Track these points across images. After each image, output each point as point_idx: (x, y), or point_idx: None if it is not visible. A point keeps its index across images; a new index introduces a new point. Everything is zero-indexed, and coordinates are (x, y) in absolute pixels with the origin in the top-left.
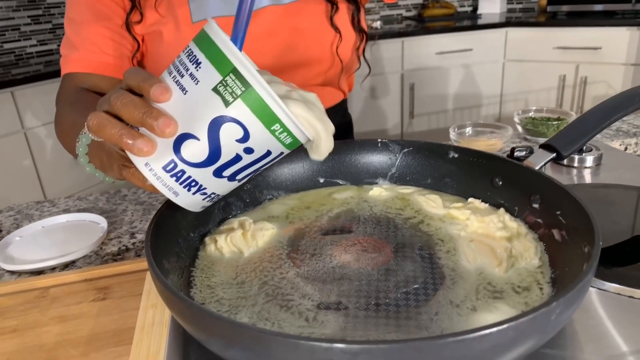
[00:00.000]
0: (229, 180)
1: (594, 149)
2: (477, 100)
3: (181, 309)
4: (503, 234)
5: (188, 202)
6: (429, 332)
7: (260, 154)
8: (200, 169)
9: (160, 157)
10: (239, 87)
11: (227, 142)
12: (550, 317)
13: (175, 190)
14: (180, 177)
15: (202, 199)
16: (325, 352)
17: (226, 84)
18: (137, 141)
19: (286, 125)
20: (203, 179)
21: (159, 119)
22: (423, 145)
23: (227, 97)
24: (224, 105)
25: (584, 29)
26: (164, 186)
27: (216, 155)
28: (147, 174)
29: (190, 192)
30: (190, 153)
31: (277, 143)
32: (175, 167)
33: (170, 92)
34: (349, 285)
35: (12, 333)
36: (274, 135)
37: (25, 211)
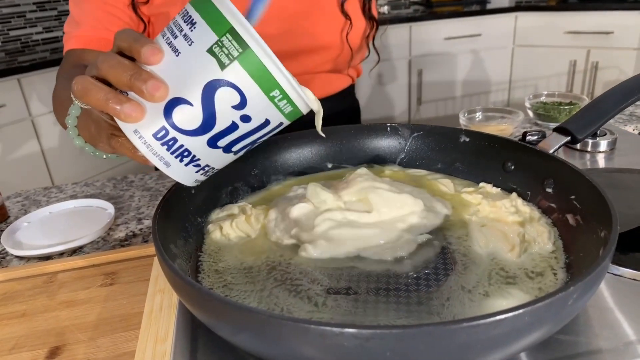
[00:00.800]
0: (224, 151)
1: (608, 133)
2: (485, 87)
3: (189, 293)
4: (515, 218)
5: (180, 174)
6: (441, 317)
7: (258, 123)
8: (194, 137)
9: (151, 123)
10: (235, 49)
11: (223, 108)
12: (567, 303)
13: (166, 160)
14: (172, 146)
15: (195, 171)
16: (336, 337)
17: (222, 45)
18: (125, 106)
19: (286, 91)
20: (196, 149)
21: (148, 81)
22: (433, 130)
23: (222, 59)
24: (219, 68)
25: (596, 13)
26: (154, 155)
27: (210, 123)
28: (136, 142)
29: (182, 163)
30: (182, 119)
31: (277, 111)
32: (166, 135)
33: (163, 53)
34: (359, 270)
35: (21, 317)
36: (272, 102)
37: (33, 197)
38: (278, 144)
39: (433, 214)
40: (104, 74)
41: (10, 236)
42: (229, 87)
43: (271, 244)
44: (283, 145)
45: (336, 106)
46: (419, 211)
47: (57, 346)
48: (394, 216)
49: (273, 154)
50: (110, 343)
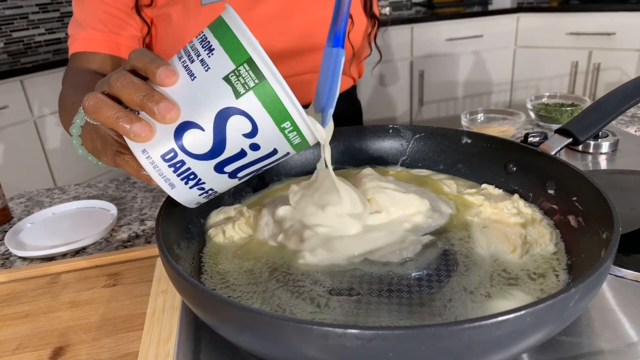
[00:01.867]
0: (230, 177)
1: (610, 134)
2: (487, 88)
3: (192, 294)
4: (517, 220)
5: (183, 196)
6: (443, 318)
7: (266, 152)
8: (202, 161)
9: (160, 144)
10: (252, 79)
11: (234, 135)
12: (569, 304)
13: (172, 182)
14: (179, 169)
15: (198, 194)
16: (338, 338)
17: (239, 74)
18: (135, 125)
19: (297, 124)
20: (203, 173)
21: (160, 102)
22: (435, 131)
23: (238, 88)
24: (234, 96)
25: (598, 15)
26: (160, 176)
27: (220, 149)
28: (143, 162)
29: (187, 186)
30: (192, 143)
31: (285, 142)
32: (174, 157)
33: (178, 75)
34: (361, 271)
35: (25, 318)
36: (283, 133)
37: (36, 198)
38: None
39: (438, 214)
40: (116, 92)
41: (13, 237)
42: (242, 116)
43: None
44: None
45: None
46: (424, 211)
47: (61, 346)
48: (400, 216)
49: None
50: (114, 344)
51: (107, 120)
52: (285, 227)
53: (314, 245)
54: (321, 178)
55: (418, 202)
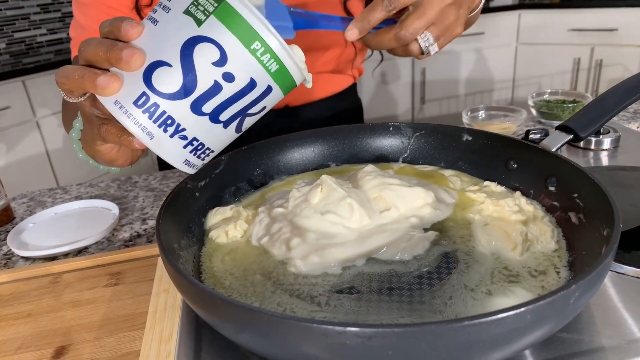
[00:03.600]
0: (212, 120)
1: (611, 131)
2: (488, 85)
3: (193, 293)
4: (518, 217)
5: (166, 148)
6: (443, 316)
7: (242, 84)
8: (175, 101)
9: (131, 91)
10: (211, 4)
11: (203, 65)
12: (569, 301)
13: (149, 131)
14: (154, 113)
15: (182, 145)
16: (338, 336)
17: (198, 3)
18: (100, 78)
19: (268, 42)
20: (180, 115)
21: (123, 50)
22: (436, 128)
23: (199, 16)
24: (196, 25)
25: (600, 10)
26: (136, 126)
27: (192, 83)
28: (116, 114)
29: (167, 134)
30: (162, 82)
31: (262, 70)
32: (147, 101)
33: (142, 27)
34: (362, 270)
35: (27, 318)
36: (255, 56)
37: (38, 198)
38: (280, 143)
39: (444, 205)
40: (85, 56)
41: (15, 237)
42: (207, 43)
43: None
44: (286, 145)
45: (338, 105)
46: (431, 202)
47: (63, 346)
48: (408, 210)
49: (276, 154)
50: (115, 342)
51: (74, 83)
52: (273, 231)
53: (305, 252)
54: (327, 188)
55: (424, 194)
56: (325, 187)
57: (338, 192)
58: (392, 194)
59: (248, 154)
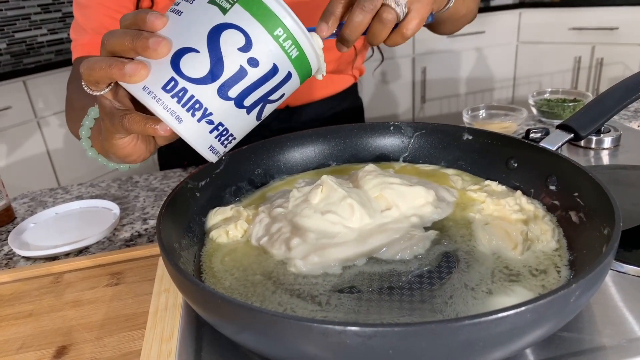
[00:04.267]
0: (237, 105)
1: (612, 129)
2: (489, 84)
3: (193, 293)
4: (519, 216)
5: (194, 132)
6: (444, 315)
7: (266, 69)
8: (203, 85)
9: (159, 77)
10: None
11: (229, 51)
12: (570, 300)
13: (178, 115)
14: (182, 97)
15: (209, 130)
16: (338, 335)
17: None
18: (128, 66)
19: (290, 28)
20: (207, 100)
21: (150, 38)
22: (436, 128)
23: (223, 5)
24: (221, 13)
25: (600, 9)
26: (165, 110)
27: (219, 68)
28: (145, 99)
29: (194, 118)
30: (190, 67)
31: (283, 55)
32: (175, 86)
33: (166, 18)
34: (362, 269)
35: (28, 317)
36: (278, 42)
37: (39, 198)
38: (281, 143)
39: (445, 204)
40: (110, 47)
41: (17, 237)
42: (233, 29)
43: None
44: (286, 144)
45: (339, 105)
46: (432, 201)
47: (64, 345)
48: (409, 208)
49: (276, 153)
50: (116, 342)
51: (101, 72)
52: (273, 231)
53: (305, 252)
54: (327, 188)
55: (425, 193)
56: (326, 187)
57: (338, 192)
58: (393, 193)
59: (249, 154)
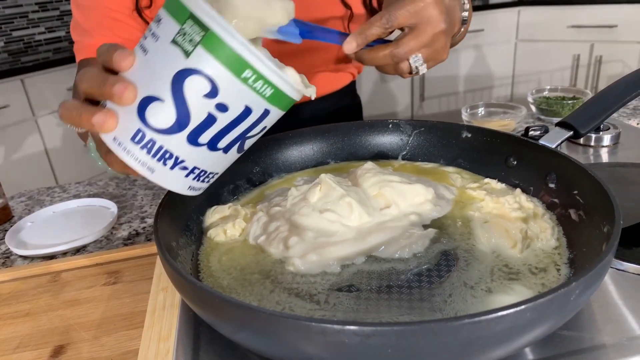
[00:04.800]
0: (210, 149)
1: (611, 127)
2: (488, 82)
3: (191, 292)
4: (518, 214)
5: (168, 179)
6: (443, 314)
7: (237, 112)
8: (171, 135)
9: (127, 128)
10: (197, 33)
11: (194, 99)
12: (570, 298)
13: (149, 166)
14: (152, 148)
15: (184, 175)
16: (337, 334)
17: (184, 33)
18: (96, 116)
19: (258, 69)
20: (177, 149)
21: (115, 84)
22: (435, 125)
23: (186, 47)
24: (184, 57)
25: (599, 7)
26: (136, 161)
27: (185, 117)
28: (117, 150)
29: (167, 167)
30: (156, 117)
31: (255, 96)
32: (143, 137)
33: (133, 56)
34: (361, 267)
35: (25, 317)
36: (246, 84)
37: (37, 197)
38: (279, 141)
39: (444, 201)
40: (84, 91)
41: (14, 236)
42: (197, 75)
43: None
44: (284, 142)
45: (337, 103)
46: (431, 198)
47: (61, 345)
48: (408, 206)
49: (274, 152)
50: (114, 341)
51: (73, 120)
52: (270, 230)
53: (303, 251)
54: (326, 187)
55: (424, 191)
56: (324, 186)
57: (337, 191)
58: (392, 191)
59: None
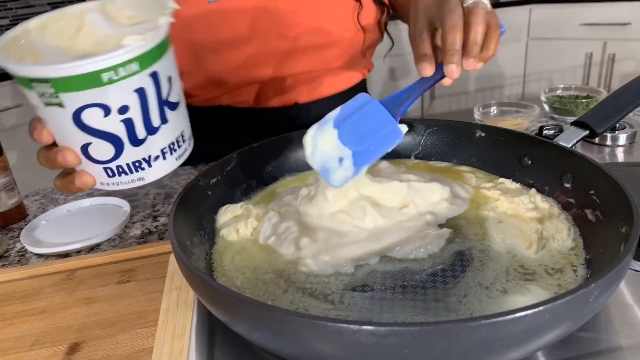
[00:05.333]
0: (154, 132)
1: (627, 126)
2: (499, 81)
3: (207, 291)
4: (534, 214)
5: (158, 171)
6: (458, 314)
7: (135, 99)
8: (122, 153)
9: (97, 172)
10: (47, 88)
11: (103, 124)
12: (588, 300)
13: (138, 177)
14: (126, 169)
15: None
16: (353, 334)
17: (42, 94)
18: (74, 185)
19: (107, 67)
20: (137, 155)
21: (56, 160)
22: (449, 125)
23: (55, 101)
24: (61, 108)
25: (612, 4)
26: (127, 184)
27: (114, 137)
28: (110, 189)
29: (148, 168)
30: (101, 154)
31: (132, 79)
32: (112, 169)
33: (47, 131)
34: (375, 267)
35: (41, 314)
36: (115, 82)
37: (51, 195)
38: (290, 140)
39: (460, 200)
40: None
41: (29, 234)
42: (83, 112)
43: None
44: (295, 141)
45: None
46: (447, 197)
47: (77, 342)
48: (425, 205)
49: (286, 151)
50: (129, 339)
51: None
52: (280, 231)
53: (315, 251)
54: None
55: (441, 189)
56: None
57: (350, 193)
58: (409, 190)
59: (259, 152)
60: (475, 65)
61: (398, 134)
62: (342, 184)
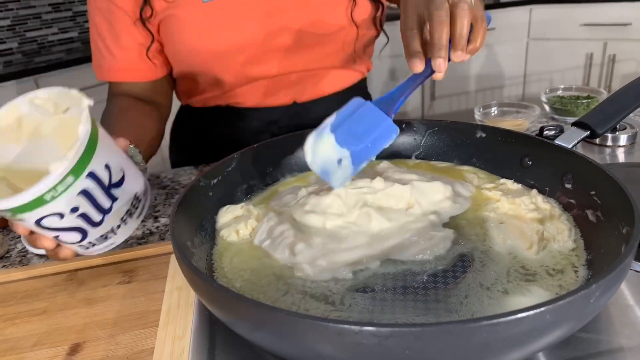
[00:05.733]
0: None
1: (628, 127)
2: (499, 81)
3: (208, 292)
4: (535, 215)
5: (124, 234)
6: (459, 315)
7: (83, 201)
8: (85, 238)
9: (74, 248)
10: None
11: (59, 224)
12: (589, 300)
13: (110, 242)
14: (93, 244)
15: (126, 224)
16: (354, 335)
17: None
18: (58, 257)
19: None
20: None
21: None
22: (449, 125)
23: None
24: (23, 220)
25: (612, 5)
26: (105, 248)
27: (78, 229)
28: (89, 254)
29: (115, 235)
30: (68, 239)
31: (73, 186)
32: (83, 245)
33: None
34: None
35: (42, 315)
36: (62, 192)
37: None
38: (291, 140)
39: (462, 198)
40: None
41: None
42: (43, 221)
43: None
44: (296, 142)
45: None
46: (450, 195)
47: (78, 343)
48: (429, 204)
49: (287, 152)
50: (129, 340)
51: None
52: (275, 235)
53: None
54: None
55: (443, 188)
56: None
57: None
58: (413, 191)
59: (260, 152)
60: (462, 57)
61: (394, 130)
62: (342, 184)
